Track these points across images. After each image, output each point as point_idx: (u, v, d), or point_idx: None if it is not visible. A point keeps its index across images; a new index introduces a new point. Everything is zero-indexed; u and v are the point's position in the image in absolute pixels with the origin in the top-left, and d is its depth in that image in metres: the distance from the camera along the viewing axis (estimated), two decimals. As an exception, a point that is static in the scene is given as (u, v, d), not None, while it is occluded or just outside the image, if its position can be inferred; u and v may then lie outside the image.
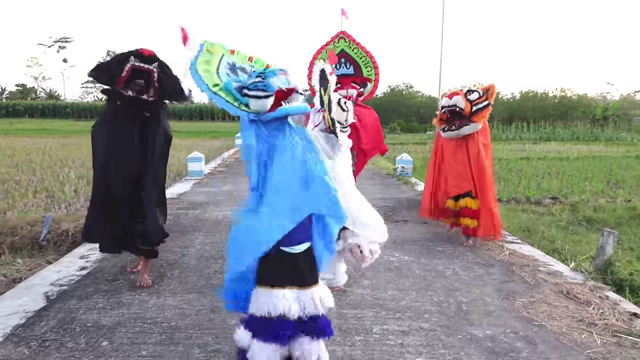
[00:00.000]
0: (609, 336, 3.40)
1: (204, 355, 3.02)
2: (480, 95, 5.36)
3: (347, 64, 5.00)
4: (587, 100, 41.05)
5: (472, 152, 5.44)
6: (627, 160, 16.72)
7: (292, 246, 2.48)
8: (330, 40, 4.80)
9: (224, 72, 2.52)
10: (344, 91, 4.87)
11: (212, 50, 2.56)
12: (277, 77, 2.43)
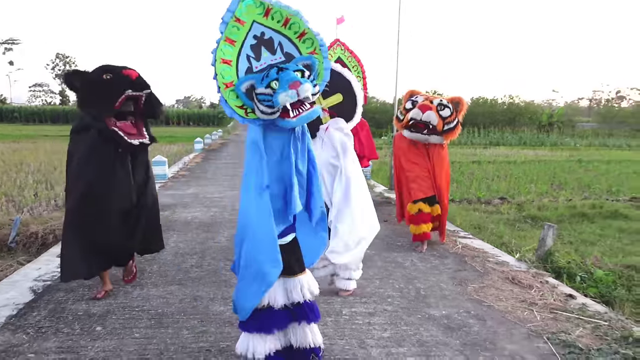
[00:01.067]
0: (547, 313, 3.89)
1: (192, 336, 3.34)
2: (451, 111, 5.38)
3: None
4: (533, 107, 42.76)
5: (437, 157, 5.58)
6: (569, 164, 17.74)
7: (280, 238, 2.65)
8: (330, 46, 4.79)
9: (244, 57, 2.48)
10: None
11: (242, 18, 2.44)
12: (285, 92, 2.35)
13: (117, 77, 3.60)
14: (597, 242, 7.16)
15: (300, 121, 2.43)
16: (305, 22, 2.49)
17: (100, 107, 3.60)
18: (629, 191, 11.66)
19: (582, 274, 5.14)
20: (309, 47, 2.54)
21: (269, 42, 2.51)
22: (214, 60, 2.43)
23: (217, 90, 2.49)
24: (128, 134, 3.68)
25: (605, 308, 4.15)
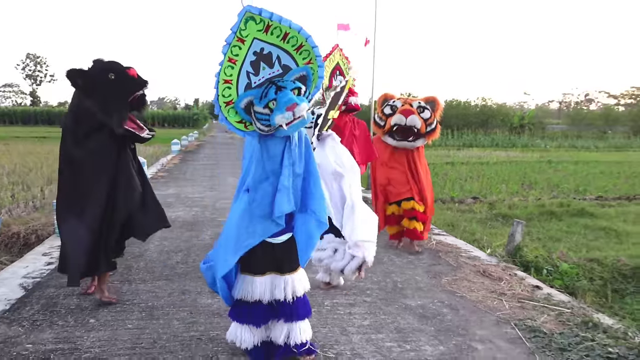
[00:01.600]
0: (515, 302, 4.17)
1: (183, 326, 3.52)
2: (430, 112, 5.52)
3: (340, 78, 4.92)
4: (505, 109, 43.61)
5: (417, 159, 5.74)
6: (540, 164, 18.28)
7: (274, 237, 2.82)
8: (331, 52, 4.90)
9: (244, 74, 2.65)
10: (355, 98, 5.02)
11: (243, 37, 2.58)
12: (282, 114, 2.53)
13: (124, 78, 3.67)
14: (563, 238, 7.52)
15: (292, 129, 2.61)
16: (305, 36, 2.63)
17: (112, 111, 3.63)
18: (595, 190, 12.13)
19: (549, 267, 5.45)
20: (305, 57, 2.70)
21: (267, 56, 2.66)
22: (217, 83, 2.62)
23: (217, 109, 2.67)
24: (134, 129, 3.78)
25: (569, 297, 4.46)
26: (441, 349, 3.28)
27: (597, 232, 8.07)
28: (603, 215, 9.32)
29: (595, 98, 74.61)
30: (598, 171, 16.60)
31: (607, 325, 3.66)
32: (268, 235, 2.80)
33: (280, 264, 2.87)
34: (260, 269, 2.85)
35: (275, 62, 2.68)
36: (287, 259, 2.90)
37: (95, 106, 3.60)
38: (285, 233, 2.87)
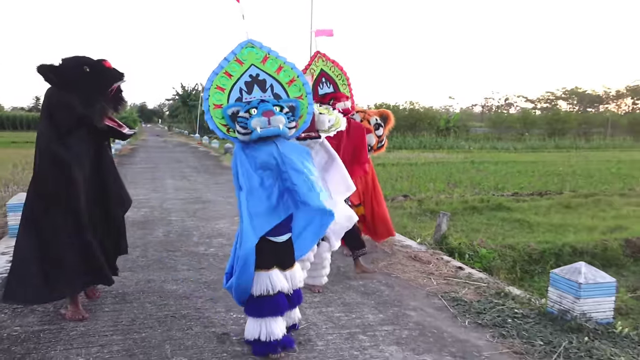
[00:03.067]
0: (442, 280, 4.87)
1: (155, 307, 3.95)
2: (383, 129, 5.74)
3: (327, 83, 4.96)
4: (432, 113, 45.56)
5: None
6: (464, 165, 19.55)
7: (277, 237, 3.08)
8: (310, 61, 4.91)
9: (237, 89, 3.01)
10: (342, 103, 4.82)
11: (242, 59, 2.97)
12: (259, 118, 2.87)
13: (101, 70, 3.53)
14: (483, 229, 8.41)
15: (264, 133, 2.89)
16: (297, 73, 3.06)
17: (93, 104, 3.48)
18: (512, 188, 13.30)
19: (470, 253, 6.25)
20: (297, 92, 3.09)
21: (262, 82, 3.06)
22: (210, 84, 3.03)
23: (206, 110, 3.03)
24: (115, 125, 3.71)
25: (486, 275, 5.21)
26: (381, 316, 3.90)
27: (512, 224, 9.04)
28: (518, 209, 10.37)
29: (514, 102, 78.99)
30: (515, 170, 17.97)
31: (515, 295, 4.41)
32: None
33: (282, 261, 3.15)
34: (269, 264, 3.08)
35: (269, 88, 3.06)
36: (288, 257, 3.19)
37: (75, 100, 3.45)
38: (286, 233, 3.14)
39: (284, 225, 3.11)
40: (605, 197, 11.84)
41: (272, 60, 3.07)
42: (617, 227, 8.60)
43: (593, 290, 3.68)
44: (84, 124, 3.53)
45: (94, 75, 3.50)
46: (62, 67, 3.50)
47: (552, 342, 3.40)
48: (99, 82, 3.51)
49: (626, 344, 3.42)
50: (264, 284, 3.05)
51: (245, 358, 3.14)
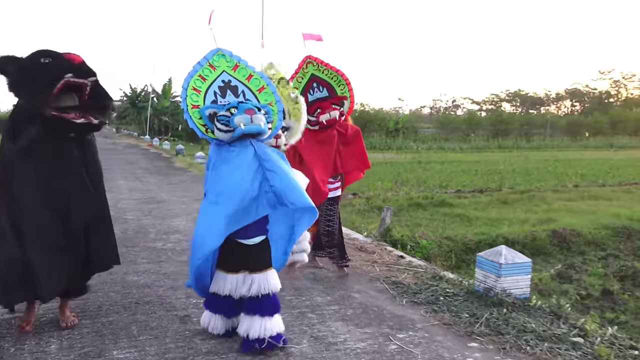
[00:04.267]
0: (384, 267, 5.34)
1: (119, 295, 4.24)
2: None
3: (319, 87, 4.74)
4: (382, 114, 46.65)
5: None
6: (411, 165, 20.34)
7: (247, 239, 3.13)
8: (299, 68, 4.77)
9: (212, 92, 3.13)
10: (326, 115, 4.60)
11: (215, 65, 3.12)
12: (242, 115, 2.94)
13: (57, 61, 3.21)
14: (426, 223, 9.01)
15: (248, 129, 2.96)
16: (266, 81, 3.27)
17: (35, 93, 3.18)
18: (455, 185, 14.08)
19: (412, 244, 6.77)
20: (267, 99, 3.27)
21: (234, 87, 3.22)
22: (187, 85, 3.16)
23: (185, 109, 3.16)
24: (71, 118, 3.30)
25: (425, 263, 5.72)
26: (328, 298, 4.33)
27: (453, 218, 9.69)
28: (459, 205, 11.06)
29: (461, 104, 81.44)
30: (460, 170, 18.88)
31: (448, 278, 4.92)
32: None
33: (250, 264, 3.18)
34: (234, 267, 3.18)
35: (241, 94, 3.22)
36: (258, 260, 3.20)
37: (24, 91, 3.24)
38: (257, 235, 3.20)
39: (255, 227, 3.15)
40: (540, 193, 12.73)
41: (242, 69, 3.25)
42: (547, 220, 9.37)
43: (512, 269, 4.22)
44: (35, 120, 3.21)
45: (49, 66, 3.21)
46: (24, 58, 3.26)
47: (476, 315, 3.91)
48: (50, 72, 3.18)
49: (538, 315, 3.97)
50: (218, 284, 3.23)
51: (206, 336, 3.48)
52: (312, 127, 4.60)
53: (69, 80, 3.19)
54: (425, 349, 3.39)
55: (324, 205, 4.75)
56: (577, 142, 43.31)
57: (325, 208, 4.81)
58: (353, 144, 4.86)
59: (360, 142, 4.92)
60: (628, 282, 6.36)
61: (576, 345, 3.43)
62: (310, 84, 4.73)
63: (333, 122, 4.63)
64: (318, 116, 4.59)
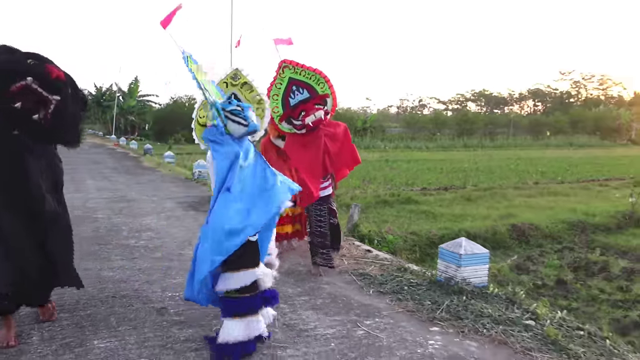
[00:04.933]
0: (352, 260, 5.58)
1: (96, 290, 4.35)
2: None
3: (300, 90, 4.68)
4: (351, 113, 47.06)
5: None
6: (379, 163, 20.68)
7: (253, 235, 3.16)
8: (276, 74, 4.75)
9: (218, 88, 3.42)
10: (312, 117, 4.58)
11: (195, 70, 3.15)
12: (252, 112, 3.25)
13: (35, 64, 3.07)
14: (393, 220, 9.29)
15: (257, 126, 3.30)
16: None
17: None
18: (421, 183, 14.45)
19: (379, 239, 7.02)
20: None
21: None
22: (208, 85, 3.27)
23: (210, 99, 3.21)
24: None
25: (391, 256, 5.98)
26: (299, 289, 4.54)
27: (419, 215, 10.01)
28: (425, 202, 11.41)
29: (427, 103, 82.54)
30: (426, 168, 19.31)
31: (413, 269, 5.19)
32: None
33: (257, 258, 3.27)
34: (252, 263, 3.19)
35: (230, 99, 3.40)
36: (258, 253, 3.29)
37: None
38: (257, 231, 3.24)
39: None
40: (501, 190, 13.19)
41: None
42: (507, 215, 9.77)
43: (471, 259, 4.50)
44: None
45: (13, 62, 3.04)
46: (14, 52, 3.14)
47: (437, 302, 4.18)
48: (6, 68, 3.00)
49: (495, 301, 4.25)
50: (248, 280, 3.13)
51: (183, 325, 3.66)
52: (299, 132, 4.68)
53: (29, 85, 3.00)
54: (390, 333, 3.63)
55: (313, 207, 4.82)
56: (539, 141, 44.55)
57: (315, 209, 4.84)
58: (343, 142, 4.85)
59: (349, 139, 4.93)
60: (581, 273, 6.75)
61: (528, 328, 3.72)
62: (290, 87, 4.70)
63: (319, 122, 4.63)
64: (303, 119, 4.59)
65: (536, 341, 3.52)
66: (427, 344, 3.47)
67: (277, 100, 4.73)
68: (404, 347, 3.41)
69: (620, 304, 5.63)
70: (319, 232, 4.86)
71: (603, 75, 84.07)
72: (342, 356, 3.26)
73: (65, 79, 3.17)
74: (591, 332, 3.73)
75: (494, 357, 3.31)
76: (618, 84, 77.74)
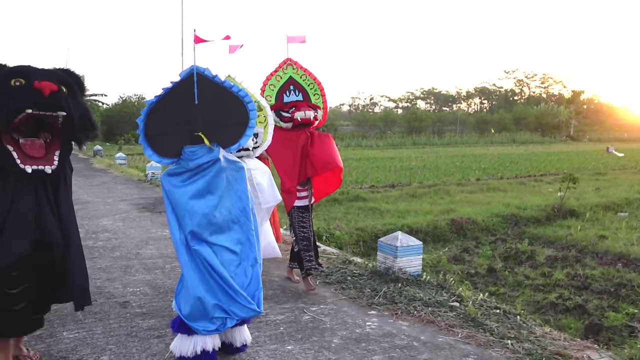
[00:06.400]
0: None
1: (60, 289, 4.64)
2: None
3: (295, 91, 4.73)
4: (302, 112, 47.48)
5: None
6: (330, 161, 21.20)
7: None
8: (278, 67, 4.75)
9: None
10: (302, 113, 4.56)
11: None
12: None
13: (24, 89, 2.80)
14: (342, 217, 9.79)
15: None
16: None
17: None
18: (370, 181, 15.04)
19: (327, 235, 7.50)
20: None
21: None
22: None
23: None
24: (28, 156, 2.87)
25: (338, 250, 6.46)
26: (252, 282, 4.95)
27: (366, 212, 10.55)
28: (372, 199, 11.97)
29: (378, 102, 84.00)
30: (375, 166, 19.98)
31: (356, 262, 5.68)
32: None
33: None
34: None
35: None
36: None
37: None
38: None
39: None
40: (445, 187, 13.92)
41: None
42: (448, 210, 10.43)
43: (406, 251, 5.02)
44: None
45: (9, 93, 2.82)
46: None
47: (376, 289, 4.67)
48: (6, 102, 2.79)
49: (427, 287, 4.79)
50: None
51: (146, 317, 4.01)
52: (285, 124, 4.61)
53: (28, 114, 2.82)
54: (333, 317, 4.10)
55: (295, 212, 4.75)
56: (484, 138, 46.27)
57: (298, 215, 4.76)
58: (323, 142, 4.69)
59: (330, 141, 4.75)
60: (510, 261, 7.40)
61: (453, 308, 4.26)
62: (287, 85, 4.71)
63: (307, 121, 4.58)
64: (293, 113, 4.57)
65: (459, 319, 4.06)
66: (365, 325, 3.95)
67: (273, 91, 4.74)
68: (344, 329, 3.88)
69: (541, 288, 6.28)
70: (302, 236, 4.75)
71: (545, 74, 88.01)
72: (290, 337, 3.70)
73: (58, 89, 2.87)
74: (506, 310, 4.31)
75: (422, 333, 3.82)
76: (558, 82, 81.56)
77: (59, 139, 2.99)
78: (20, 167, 2.81)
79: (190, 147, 2.98)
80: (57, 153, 2.96)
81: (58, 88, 2.85)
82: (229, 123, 3.03)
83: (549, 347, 3.60)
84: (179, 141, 2.97)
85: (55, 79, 2.90)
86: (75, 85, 3.07)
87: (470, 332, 3.84)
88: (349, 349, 3.54)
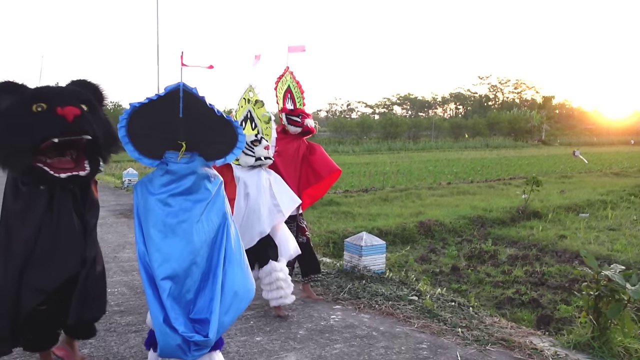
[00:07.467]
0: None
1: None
2: None
3: (289, 100, 4.92)
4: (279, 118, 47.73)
5: None
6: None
7: None
8: (283, 73, 4.88)
9: None
10: (311, 121, 4.80)
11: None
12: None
13: (47, 116, 2.79)
14: (315, 221, 10.08)
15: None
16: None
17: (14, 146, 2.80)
18: (345, 186, 15.37)
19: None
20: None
21: None
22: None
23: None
24: (59, 168, 2.87)
25: (308, 252, 6.76)
26: (225, 282, 5.22)
27: (339, 215, 10.86)
28: (346, 203, 12.28)
29: (355, 107, 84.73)
30: (350, 172, 20.30)
31: (326, 262, 6.00)
32: None
33: None
34: None
35: None
36: None
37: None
38: None
39: None
40: (416, 191, 14.32)
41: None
42: (417, 213, 10.81)
43: (370, 250, 5.36)
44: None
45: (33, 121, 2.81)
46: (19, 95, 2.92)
47: (342, 286, 5.00)
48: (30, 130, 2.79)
49: (390, 284, 5.13)
50: None
51: (123, 314, 4.27)
52: (295, 128, 4.77)
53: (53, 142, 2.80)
54: (300, 312, 4.40)
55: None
56: (459, 142, 47.08)
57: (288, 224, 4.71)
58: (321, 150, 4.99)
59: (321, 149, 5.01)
60: (474, 260, 7.77)
61: (412, 302, 4.61)
62: (287, 94, 4.91)
63: (308, 130, 4.79)
64: (303, 119, 4.72)
65: (416, 311, 4.41)
66: (330, 318, 4.27)
67: (280, 94, 4.89)
68: (310, 321, 4.19)
69: (501, 284, 6.65)
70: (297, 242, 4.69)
71: (518, 79, 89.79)
72: (259, 330, 3.99)
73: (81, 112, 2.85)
74: (460, 302, 4.67)
75: (382, 324, 4.15)
76: (531, 88, 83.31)
77: (85, 154, 2.98)
78: (54, 175, 2.82)
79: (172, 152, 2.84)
80: (86, 162, 2.97)
81: (81, 112, 2.83)
82: (215, 141, 2.91)
83: (496, 334, 3.96)
84: (160, 146, 2.85)
85: (76, 101, 2.88)
86: (94, 99, 3.06)
87: (426, 322, 4.18)
88: (313, 339, 3.85)
